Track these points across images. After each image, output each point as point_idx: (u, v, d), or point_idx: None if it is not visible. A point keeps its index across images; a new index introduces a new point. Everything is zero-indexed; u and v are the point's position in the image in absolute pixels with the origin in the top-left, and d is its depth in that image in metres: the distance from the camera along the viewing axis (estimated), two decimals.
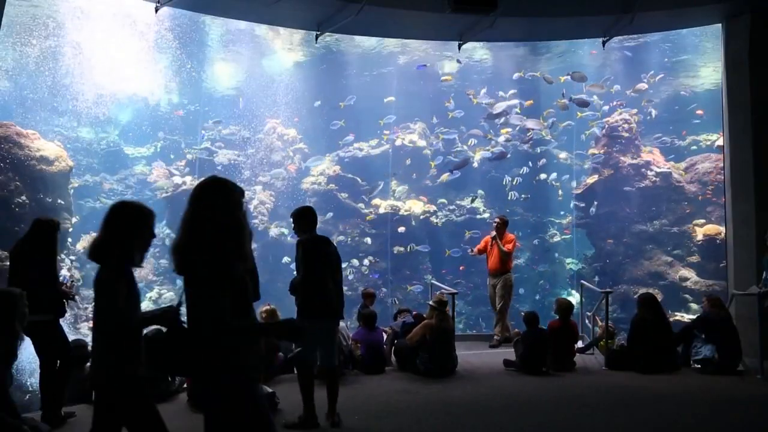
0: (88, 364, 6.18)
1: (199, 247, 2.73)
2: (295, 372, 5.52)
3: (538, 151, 17.37)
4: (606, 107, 16.79)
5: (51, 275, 5.30)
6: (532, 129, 16.10)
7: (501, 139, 16.50)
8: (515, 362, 7.35)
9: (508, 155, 16.47)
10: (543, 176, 17.14)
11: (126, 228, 3.07)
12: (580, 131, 17.33)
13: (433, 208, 17.45)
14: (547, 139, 17.38)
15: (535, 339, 7.31)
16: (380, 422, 5.48)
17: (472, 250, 9.93)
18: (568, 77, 15.40)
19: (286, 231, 16.84)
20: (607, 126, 16.37)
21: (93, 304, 3.05)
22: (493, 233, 9.20)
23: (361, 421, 5.52)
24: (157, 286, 15.68)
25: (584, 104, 15.62)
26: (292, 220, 5.49)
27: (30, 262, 5.21)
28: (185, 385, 5.99)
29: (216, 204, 2.85)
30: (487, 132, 16.66)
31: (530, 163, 16.90)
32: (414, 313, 8.32)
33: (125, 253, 3.06)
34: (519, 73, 16.31)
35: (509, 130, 16.19)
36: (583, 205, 16.63)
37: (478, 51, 16.67)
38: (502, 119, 15.94)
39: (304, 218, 5.42)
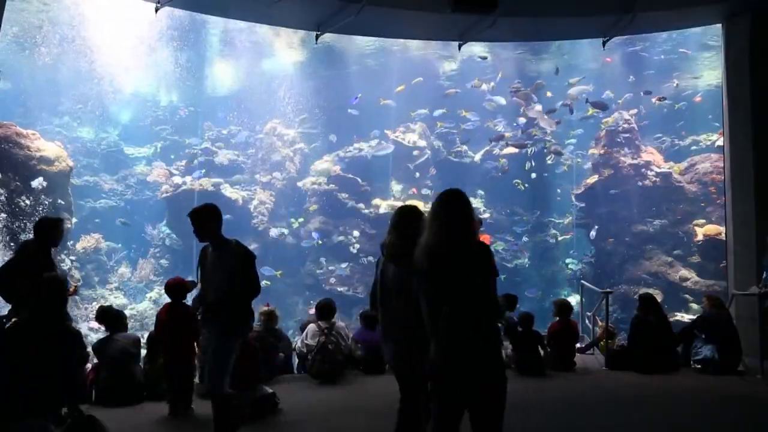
0: (89, 364, 6.21)
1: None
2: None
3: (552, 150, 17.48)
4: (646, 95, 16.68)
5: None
6: (543, 128, 16.26)
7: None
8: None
9: (528, 143, 16.59)
10: (556, 154, 17.11)
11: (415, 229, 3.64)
12: (587, 131, 17.40)
13: None
14: (548, 139, 17.42)
15: (524, 341, 7.27)
16: (380, 422, 5.47)
17: None
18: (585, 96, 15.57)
19: (286, 231, 16.85)
20: (606, 126, 16.39)
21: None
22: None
23: (362, 420, 5.52)
24: (158, 286, 15.69)
25: (602, 107, 15.65)
26: (199, 220, 4.58)
27: (32, 262, 5.24)
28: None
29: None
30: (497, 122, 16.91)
31: (533, 162, 17.00)
32: None
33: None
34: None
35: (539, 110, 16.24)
36: (583, 205, 16.63)
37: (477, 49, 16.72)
38: (529, 104, 16.13)
39: (218, 218, 4.62)
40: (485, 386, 3.23)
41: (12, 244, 11.21)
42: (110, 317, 6.28)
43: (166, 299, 5.87)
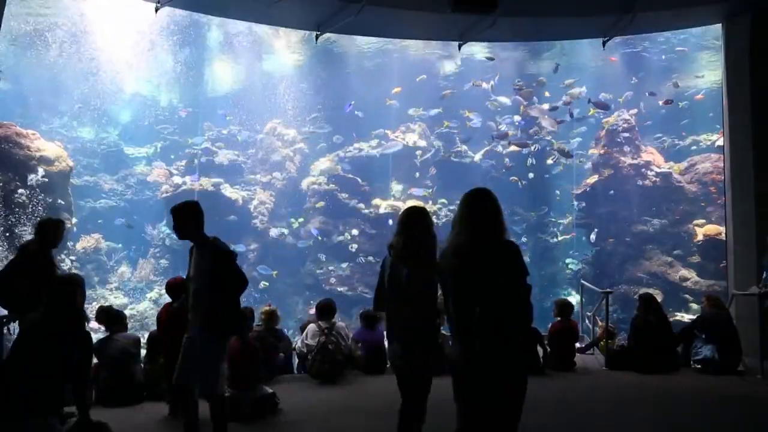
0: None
1: (507, 244, 3.30)
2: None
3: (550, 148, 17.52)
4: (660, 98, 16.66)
5: (50, 274, 5.32)
6: (545, 127, 16.29)
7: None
8: None
9: (529, 143, 16.64)
10: (564, 155, 17.05)
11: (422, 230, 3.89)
12: (588, 131, 17.41)
13: (433, 208, 17.47)
14: (548, 139, 17.43)
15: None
16: (380, 422, 5.48)
17: None
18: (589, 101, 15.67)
19: (286, 231, 16.86)
20: (607, 126, 16.40)
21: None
22: None
23: (362, 420, 5.52)
24: (158, 286, 15.70)
25: (604, 107, 15.69)
26: (177, 218, 4.44)
27: (32, 263, 5.26)
28: None
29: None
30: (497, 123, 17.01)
31: (534, 160, 17.04)
32: None
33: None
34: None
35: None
36: (583, 205, 16.64)
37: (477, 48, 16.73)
38: (530, 102, 16.25)
39: (195, 216, 4.46)
40: (505, 386, 3.25)
41: (7, 234, 11.27)
42: (110, 317, 6.28)
43: (166, 299, 5.87)
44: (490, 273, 3.20)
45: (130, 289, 15.97)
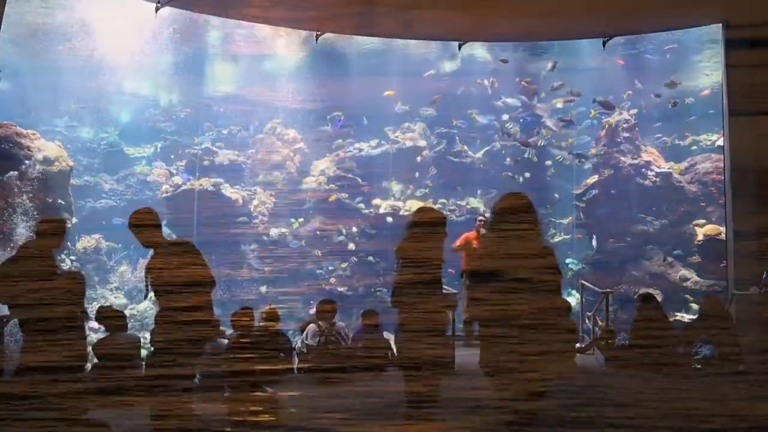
0: (89, 364, 6.21)
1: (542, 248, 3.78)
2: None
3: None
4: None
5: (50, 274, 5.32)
6: (550, 129, 16.34)
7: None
8: None
9: (531, 141, 16.70)
10: (579, 156, 17.09)
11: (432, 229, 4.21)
12: (588, 131, 17.42)
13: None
14: (552, 139, 17.46)
15: None
16: (381, 422, 5.48)
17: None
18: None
19: (286, 231, 16.86)
20: (607, 126, 16.40)
21: None
22: (480, 231, 9.02)
23: (362, 420, 5.52)
24: None
25: (609, 106, 15.70)
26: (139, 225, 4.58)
27: (33, 261, 5.26)
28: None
29: None
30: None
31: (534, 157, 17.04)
32: None
33: None
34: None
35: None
36: (583, 205, 16.63)
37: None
38: (532, 100, 16.45)
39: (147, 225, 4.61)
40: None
41: (6, 234, 11.27)
42: (110, 317, 6.28)
43: None
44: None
45: (130, 289, 15.96)
